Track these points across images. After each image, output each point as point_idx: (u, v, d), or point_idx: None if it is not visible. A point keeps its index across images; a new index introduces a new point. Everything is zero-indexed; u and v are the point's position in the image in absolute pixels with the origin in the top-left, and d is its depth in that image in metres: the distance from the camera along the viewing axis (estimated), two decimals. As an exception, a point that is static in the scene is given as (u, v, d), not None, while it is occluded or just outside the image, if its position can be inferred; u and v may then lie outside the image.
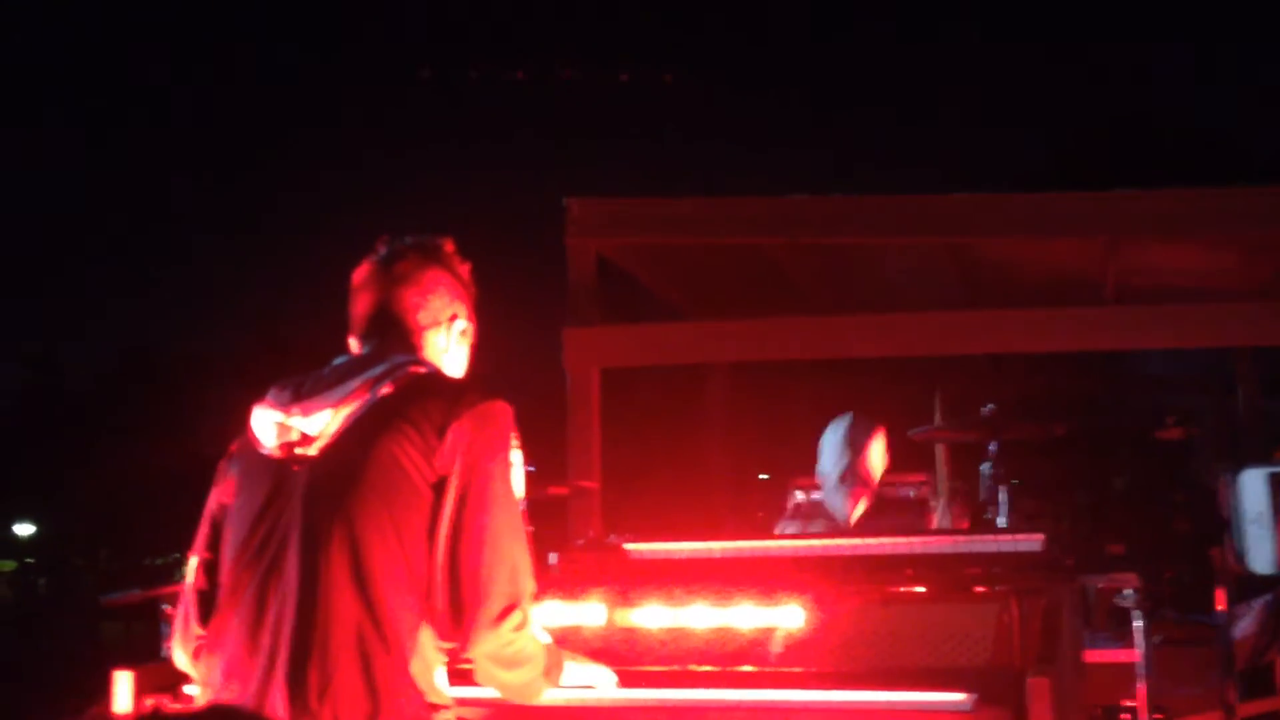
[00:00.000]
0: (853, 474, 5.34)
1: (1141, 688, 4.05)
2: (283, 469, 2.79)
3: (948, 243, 6.80)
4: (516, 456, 2.84)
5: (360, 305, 3.01)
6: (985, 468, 4.72)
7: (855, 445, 5.37)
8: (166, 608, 3.90)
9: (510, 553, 2.74)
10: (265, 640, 2.69)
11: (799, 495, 6.20)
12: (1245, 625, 5.48)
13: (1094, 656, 4.33)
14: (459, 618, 2.69)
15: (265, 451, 2.82)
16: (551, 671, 2.87)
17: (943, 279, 7.38)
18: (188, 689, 3.03)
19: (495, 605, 2.70)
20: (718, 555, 3.63)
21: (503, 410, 2.82)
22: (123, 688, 3.25)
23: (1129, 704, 4.39)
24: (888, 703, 2.89)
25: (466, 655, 2.77)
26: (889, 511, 5.53)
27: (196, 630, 2.86)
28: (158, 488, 28.09)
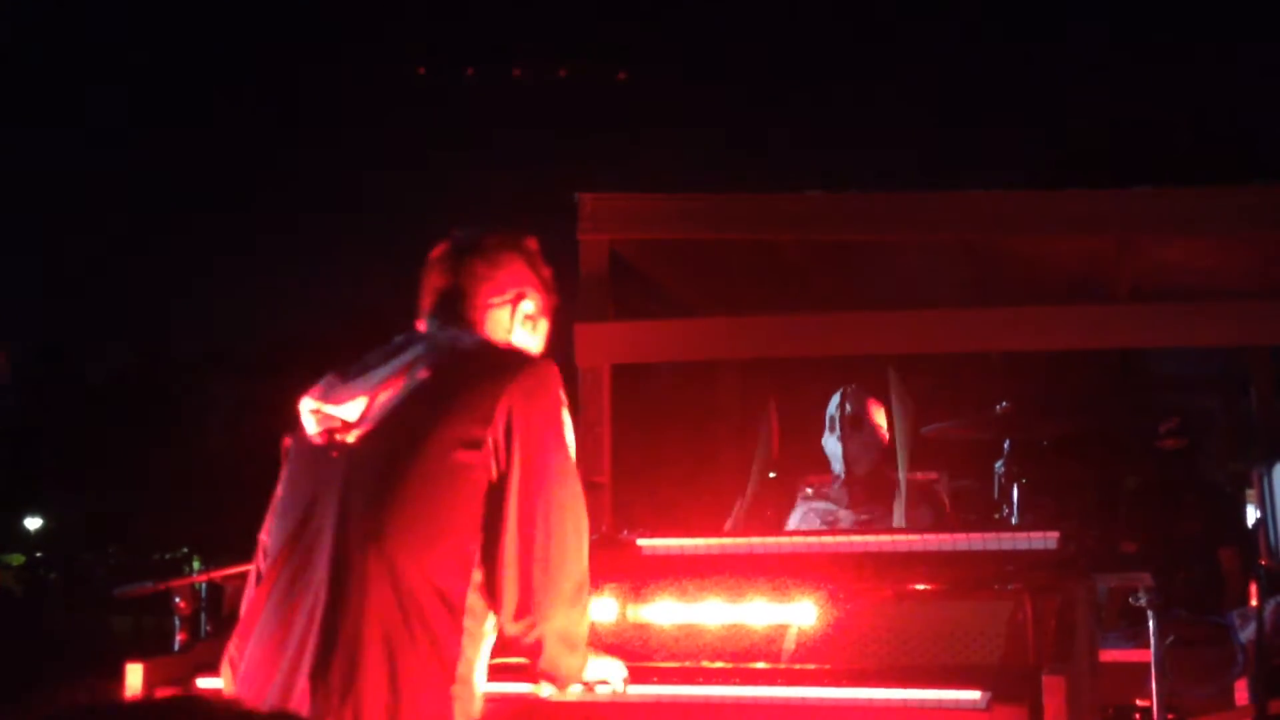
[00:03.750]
0: (844, 426, 5.38)
1: (1154, 687, 4.03)
2: (323, 456, 2.77)
3: (961, 240, 6.77)
4: (566, 417, 2.80)
5: (432, 278, 2.97)
6: (999, 465, 4.70)
7: (859, 399, 5.51)
8: (178, 600, 3.90)
9: (575, 528, 2.74)
10: (293, 635, 2.66)
11: (809, 491, 6.19)
12: (1255, 628, 5.46)
13: (1106, 656, 4.31)
14: (534, 596, 2.65)
15: (310, 440, 2.81)
16: (584, 664, 2.86)
17: (956, 276, 7.36)
18: (200, 682, 3.03)
19: (570, 581, 2.68)
20: (730, 551, 3.62)
21: (549, 373, 2.78)
22: (134, 679, 3.25)
23: (1142, 704, 4.37)
24: (902, 700, 2.88)
25: (532, 637, 2.71)
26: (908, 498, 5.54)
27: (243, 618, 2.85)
28: (168, 483, 28.10)
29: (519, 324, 2.99)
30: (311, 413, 2.80)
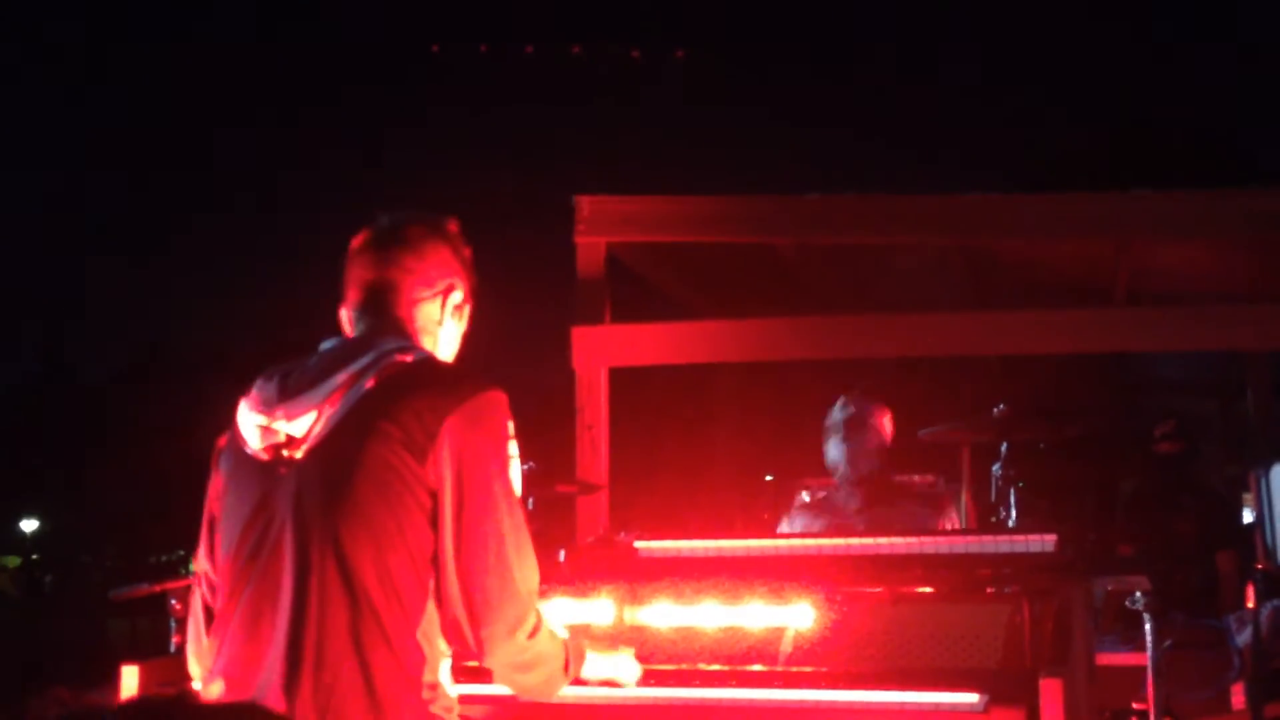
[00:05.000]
0: (847, 428, 5.38)
1: (1150, 691, 4.02)
2: (270, 472, 2.71)
3: (958, 243, 6.78)
4: (513, 449, 2.74)
5: (356, 270, 2.91)
6: (996, 468, 4.70)
7: (861, 402, 5.45)
8: (174, 602, 3.89)
9: (517, 559, 2.67)
10: (264, 655, 2.62)
11: (805, 496, 6.19)
12: (1251, 631, 5.45)
13: (1103, 659, 4.31)
14: (473, 631, 2.63)
15: (251, 453, 2.75)
16: (571, 665, 2.83)
17: (953, 279, 7.37)
18: (195, 686, 3.02)
19: (508, 617, 2.64)
20: (728, 554, 3.62)
21: (496, 401, 2.72)
22: (130, 682, 3.24)
23: (1138, 707, 4.37)
24: (899, 703, 2.88)
25: (483, 665, 2.73)
26: (912, 502, 5.54)
27: (205, 642, 2.82)
28: (164, 485, 28.09)
29: (449, 315, 2.94)
30: (258, 427, 2.74)
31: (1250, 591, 4.58)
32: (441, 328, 2.94)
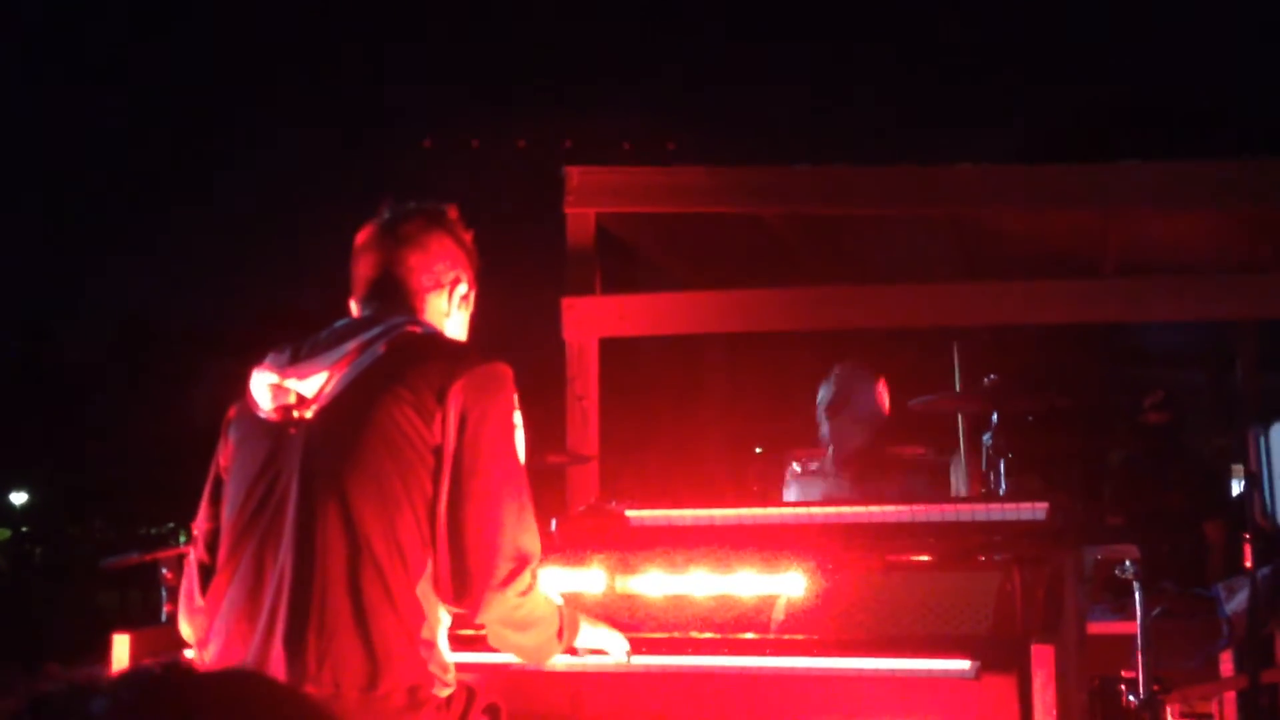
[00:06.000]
0: (840, 404, 5.37)
1: (1140, 659, 4.04)
2: (280, 432, 2.77)
3: (948, 214, 6.78)
4: (517, 419, 2.81)
5: (362, 267, 2.97)
6: (987, 438, 4.71)
7: (844, 379, 5.43)
8: (165, 571, 3.88)
9: (513, 516, 2.71)
10: (263, 606, 2.67)
11: (796, 467, 6.19)
12: (1243, 598, 5.48)
13: (1093, 628, 4.33)
14: (465, 584, 2.67)
15: (263, 414, 2.80)
16: (565, 633, 2.86)
17: (943, 251, 7.36)
18: (188, 654, 3.03)
19: (501, 570, 2.68)
20: (719, 522, 3.62)
21: (502, 372, 2.79)
22: (121, 651, 3.24)
23: (1128, 675, 4.39)
24: (891, 670, 2.89)
25: (476, 621, 2.75)
26: (902, 473, 5.54)
27: (199, 602, 2.84)
28: (153, 458, 28.05)
29: (455, 307, 3.01)
30: (269, 386, 2.79)
31: (1248, 550, 4.59)
32: (449, 319, 3.01)
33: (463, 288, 3.02)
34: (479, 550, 2.67)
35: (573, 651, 2.96)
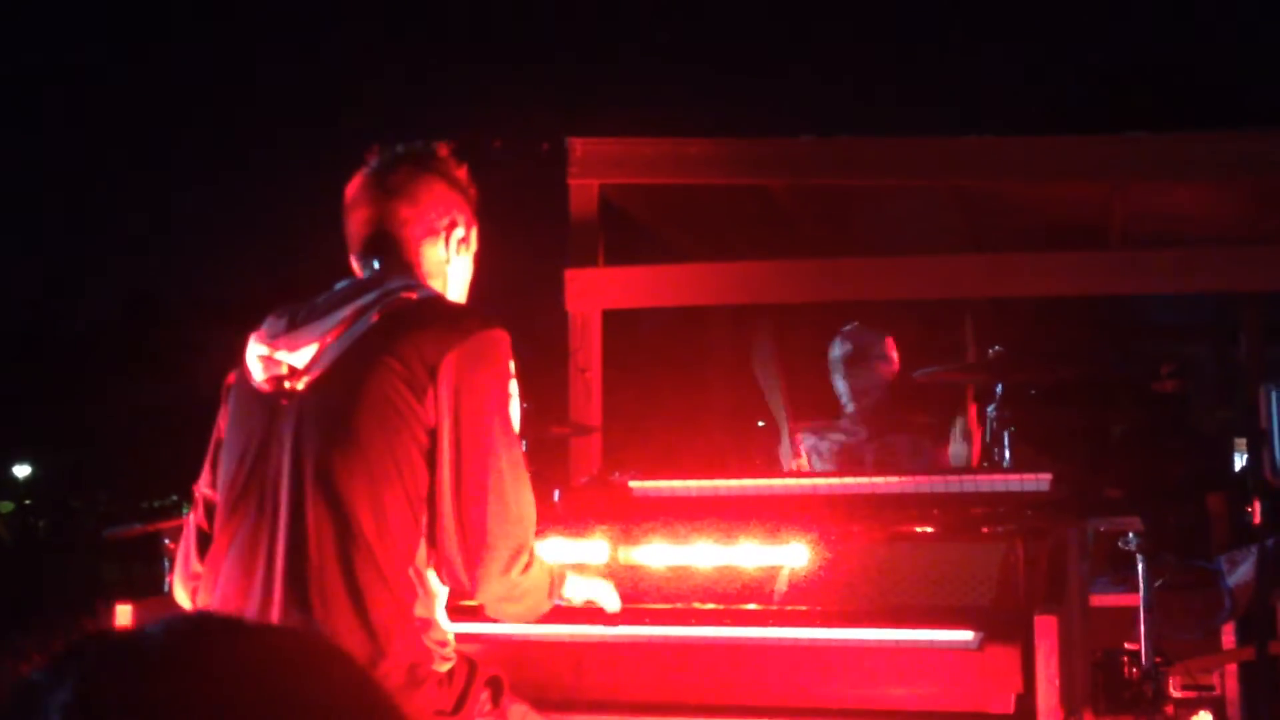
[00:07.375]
0: (858, 357, 5.52)
1: (1142, 631, 4.04)
2: (272, 404, 2.72)
3: (953, 186, 6.76)
4: (513, 388, 2.73)
5: (355, 224, 2.89)
6: (991, 409, 4.70)
7: (859, 334, 5.62)
8: (168, 542, 3.89)
9: (513, 497, 2.67)
10: (258, 581, 2.64)
11: (808, 436, 6.20)
12: (1245, 570, 5.48)
13: (1095, 600, 4.33)
14: (468, 568, 2.63)
15: (255, 384, 2.76)
16: (554, 589, 2.83)
17: (947, 222, 7.34)
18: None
19: (503, 556, 2.64)
20: (722, 493, 3.62)
21: (498, 340, 2.70)
22: (124, 622, 3.24)
23: (1130, 647, 4.38)
24: (894, 640, 2.89)
25: (476, 600, 2.73)
26: (912, 432, 5.64)
27: (196, 567, 2.82)
28: (157, 430, 28.06)
29: (454, 253, 2.91)
30: (260, 358, 2.75)
31: (1257, 508, 4.57)
32: (450, 266, 2.91)
33: (459, 231, 2.91)
34: (480, 536, 2.61)
35: (564, 601, 2.91)
